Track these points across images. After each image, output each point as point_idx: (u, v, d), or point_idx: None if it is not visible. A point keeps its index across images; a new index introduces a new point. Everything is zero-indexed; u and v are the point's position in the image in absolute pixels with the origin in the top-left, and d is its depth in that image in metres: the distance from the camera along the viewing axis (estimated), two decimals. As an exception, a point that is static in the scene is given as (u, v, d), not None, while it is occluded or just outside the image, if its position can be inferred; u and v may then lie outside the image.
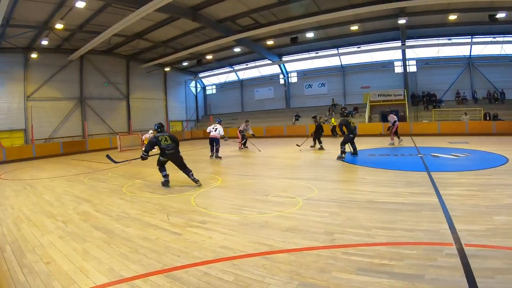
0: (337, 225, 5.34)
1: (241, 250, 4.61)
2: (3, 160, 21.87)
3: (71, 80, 29.03)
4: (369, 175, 9.64)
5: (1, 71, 24.72)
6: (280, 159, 14.88)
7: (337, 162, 12.82)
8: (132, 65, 33.77)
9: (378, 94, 29.09)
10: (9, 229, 6.47)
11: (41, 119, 26.46)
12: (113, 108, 32.43)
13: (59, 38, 24.63)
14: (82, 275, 4.14)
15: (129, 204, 7.83)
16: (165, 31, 25.94)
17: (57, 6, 19.16)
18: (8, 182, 13.32)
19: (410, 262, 3.89)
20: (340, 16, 20.95)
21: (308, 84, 34.45)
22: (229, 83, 41.16)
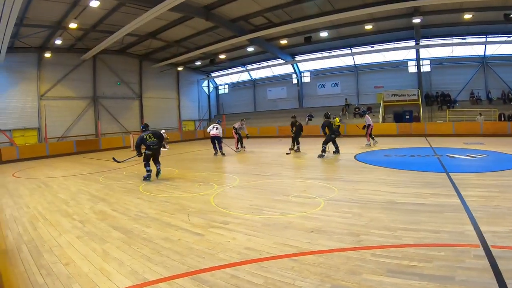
0: (362, 226, 5.24)
1: (267, 251, 4.49)
2: (17, 158, 22.00)
3: (84, 79, 29.13)
4: (387, 175, 9.48)
5: (15, 71, 24.77)
6: (294, 159, 14.76)
7: (353, 162, 12.72)
8: (145, 64, 33.79)
9: (391, 94, 28.69)
10: (25, 228, 6.37)
11: (55, 118, 26.54)
12: (126, 107, 32.47)
13: (72, 38, 24.67)
14: (104, 277, 4.00)
15: (147, 203, 7.71)
16: (178, 30, 25.84)
17: (71, 5, 19.14)
18: (22, 180, 13.31)
19: (439, 263, 3.81)
20: (354, 15, 20.67)
21: (321, 84, 34.14)
22: (242, 82, 41.00)
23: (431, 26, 24.62)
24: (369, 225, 5.24)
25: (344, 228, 5.18)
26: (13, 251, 5.13)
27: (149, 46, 29.43)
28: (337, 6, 20.77)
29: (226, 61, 34.92)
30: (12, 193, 10.45)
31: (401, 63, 29.63)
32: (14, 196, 9.90)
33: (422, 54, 28.18)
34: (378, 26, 24.96)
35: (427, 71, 28.62)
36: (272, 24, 24.00)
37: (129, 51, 31.27)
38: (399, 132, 24.85)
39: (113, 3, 19.53)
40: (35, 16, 19.90)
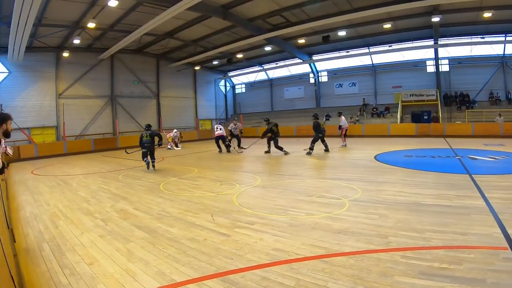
0: (389, 227, 5.15)
1: (296, 253, 4.40)
2: (35, 156, 22.25)
3: (102, 78, 29.40)
4: (409, 176, 9.31)
5: (34, 70, 25.07)
6: (314, 159, 14.54)
7: (374, 162, 12.57)
8: (162, 64, 33.94)
9: (410, 94, 28.24)
10: (46, 226, 6.33)
11: (73, 117, 26.80)
12: (143, 106, 32.65)
13: (90, 37, 24.87)
14: (130, 277, 3.93)
15: (169, 202, 7.64)
16: (195, 30, 25.80)
17: (89, 5, 19.27)
18: (41, 177, 13.39)
19: (469, 266, 3.74)
20: (372, 14, 20.33)
21: (339, 83, 33.82)
22: (259, 82, 40.80)
23: (450, 25, 24.11)
24: (396, 227, 5.14)
25: (371, 229, 5.10)
26: (35, 250, 5.07)
27: (166, 45, 29.49)
28: (355, 5, 20.51)
29: (243, 60, 34.86)
30: (32, 190, 10.48)
31: (420, 63, 29.13)
32: (34, 193, 9.92)
33: (441, 53, 27.71)
34: (396, 25, 24.54)
35: (445, 71, 28.09)
36: (290, 23, 23.83)
37: (146, 51, 31.39)
38: (418, 132, 24.46)
39: (131, 3, 19.57)
40: (53, 16, 20.09)
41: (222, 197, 7.84)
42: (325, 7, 20.99)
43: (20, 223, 6.67)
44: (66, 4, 18.73)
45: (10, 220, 6.64)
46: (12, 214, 7.42)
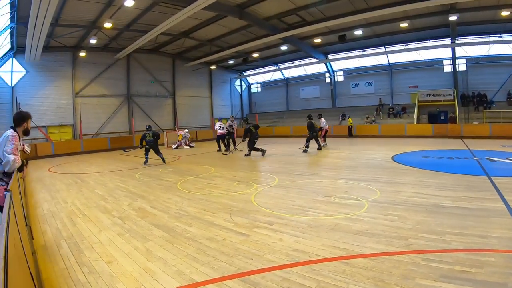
0: (409, 229, 5.07)
1: (316, 254, 4.36)
2: (52, 154, 22.56)
3: (118, 77, 29.66)
4: (427, 178, 9.15)
5: (51, 69, 25.43)
6: (331, 159, 14.46)
7: (391, 163, 12.43)
8: (178, 63, 34.10)
9: (427, 94, 27.83)
10: (64, 223, 6.37)
11: (89, 115, 27.08)
12: (159, 106, 32.84)
13: (106, 37, 25.08)
14: (149, 276, 3.91)
15: (187, 201, 7.62)
16: (211, 29, 25.81)
17: (105, 5, 19.39)
18: (58, 175, 13.52)
19: (491, 270, 3.67)
20: (389, 13, 20.05)
21: (355, 83, 33.49)
22: (274, 81, 40.60)
23: (467, 24, 23.64)
24: (416, 229, 5.07)
25: (391, 231, 5.04)
26: (52, 247, 5.09)
27: (182, 45, 29.54)
28: (371, 4, 20.22)
29: (259, 60, 34.83)
30: (49, 188, 10.58)
31: (436, 62, 28.57)
32: (51, 191, 10.00)
33: (458, 52, 27.11)
34: (413, 24, 24.24)
35: (463, 70, 27.48)
36: (306, 22, 23.68)
37: (162, 50, 31.52)
38: (435, 133, 24.07)
39: (147, 3, 19.63)
40: (70, 16, 20.32)
41: (240, 197, 7.79)
42: (341, 6, 20.78)
43: (37, 220, 6.71)
44: (82, 4, 18.91)
45: (28, 217, 6.68)
46: (29, 211, 7.47)
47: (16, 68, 23.89)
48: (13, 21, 19.04)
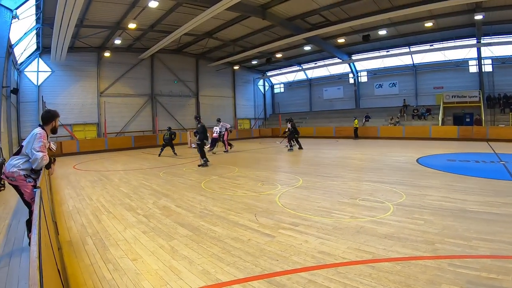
0: (435, 234, 4.97)
1: (342, 256, 4.30)
2: (77, 151, 23.04)
3: (142, 77, 30.07)
4: (454, 181, 8.97)
5: (76, 69, 25.98)
6: (355, 161, 14.32)
7: (416, 166, 12.22)
8: (201, 63, 34.36)
9: (452, 95, 27.27)
10: (89, 220, 6.45)
11: (113, 114, 27.50)
12: (183, 105, 33.16)
13: (131, 38, 25.44)
14: (174, 275, 3.91)
15: (211, 201, 7.62)
16: (234, 29, 25.89)
17: (129, 6, 19.66)
18: (83, 172, 13.75)
19: None
20: (413, 12, 19.72)
21: (379, 83, 33.04)
22: (297, 82, 40.45)
23: (493, 23, 23.03)
24: (443, 233, 4.97)
25: (417, 235, 4.95)
26: (78, 243, 5.14)
27: (205, 45, 29.70)
28: (395, 3, 19.92)
29: (282, 60, 34.80)
30: (74, 185, 10.77)
31: (462, 63, 27.85)
32: (76, 188, 10.18)
33: (484, 53, 26.43)
34: (438, 24, 23.81)
35: (488, 71, 26.72)
36: (329, 22, 23.49)
37: (185, 50, 31.76)
38: (460, 135, 23.61)
39: (170, 4, 19.78)
40: (95, 17, 20.72)
41: (265, 197, 7.77)
42: (365, 6, 20.56)
43: (63, 217, 6.81)
44: (107, 5, 19.23)
45: (54, 213, 6.77)
46: (55, 208, 7.57)
47: (42, 68, 24.45)
48: (39, 22, 19.41)
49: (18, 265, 4.51)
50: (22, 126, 22.88)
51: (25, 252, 4.91)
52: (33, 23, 19.01)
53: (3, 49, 14.55)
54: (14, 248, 5.17)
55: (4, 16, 14.38)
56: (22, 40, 19.74)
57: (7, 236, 5.81)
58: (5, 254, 4.96)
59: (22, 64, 23.48)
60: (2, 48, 14.49)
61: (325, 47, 29.05)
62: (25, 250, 5.00)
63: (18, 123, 22.60)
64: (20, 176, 4.71)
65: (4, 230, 6.15)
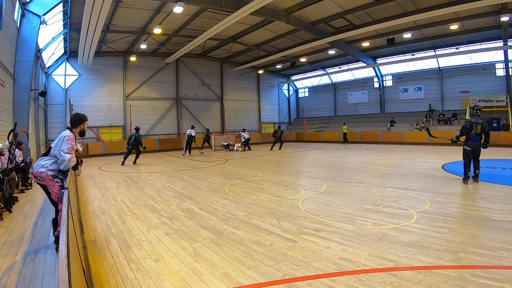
0: (459, 243, 4.84)
1: (363, 263, 4.23)
2: (102, 153, 23.67)
3: (168, 81, 30.54)
4: (479, 189, 8.77)
5: (102, 73, 26.70)
6: (380, 166, 14.11)
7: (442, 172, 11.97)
8: (226, 67, 34.66)
9: (478, 100, 26.50)
10: (113, 220, 6.59)
11: (139, 117, 27.97)
12: (207, 109, 33.53)
13: (156, 42, 25.96)
14: (196, 277, 3.94)
15: (234, 204, 7.65)
16: (258, 34, 26.05)
17: (155, 12, 20.06)
18: (108, 174, 14.04)
19: None
20: (438, 14, 19.33)
21: (404, 88, 32.59)
22: (322, 86, 40.25)
23: (520, 25, 22.52)
24: (466, 242, 4.85)
25: (441, 244, 4.83)
26: (102, 243, 5.25)
27: (230, 49, 29.99)
28: (420, 5, 19.73)
29: (306, 64, 34.80)
30: (99, 186, 11.02)
31: (489, 66, 27.08)
32: (101, 189, 10.41)
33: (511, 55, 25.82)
34: (463, 26, 23.36)
35: (516, 74, 26.18)
36: (353, 26, 23.43)
37: (210, 55, 32.10)
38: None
39: (195, 9, 20.08)
40: (121, 22, 21.26)
41: (288, 202, 7.74)
42: (389, 9, 20.40)
43: (88, 216, 6.98)
44: (132, 11, 19.68)
45: (80, 213, 6.93)
46: (81, 207, 7.77)
47: (69, 72, 25.18)
48: (66, 28, 20.00)
49: (43, 261, 4.65)
50: (50, 128, 23.60)
51: (50, 249, 5.07)
52: (60, 28, 19.58)
53: (32, 54, 15.01)
54: (40, 245, 5.33)
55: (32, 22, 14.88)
56: (50, 45, 20.32)
57: (33, 233, 5.99)
58: (31, 250, 5.11)
59: (50, 68, 24.18)
60: (31, 52, 14.95)
61: (350, 51, 28.90)
62: (50, 247, 5.16)
63: (45, 125, 23.29)
64: (48, 176, 4.83)
65: (30, 228, 6.34)
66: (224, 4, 18.34)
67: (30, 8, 14.97)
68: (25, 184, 10.84)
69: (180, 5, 17.18)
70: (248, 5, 16.92)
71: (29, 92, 15.25)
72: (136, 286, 3.76)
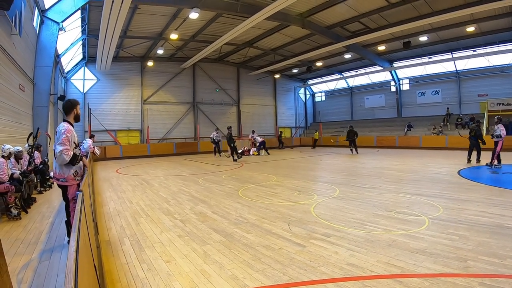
0: (469, 250, 4.76)
1: (370, 269, 4.22)
2: (120, 156, 24.01)
3: (184, 86, 30.95)
4: (494, 195, 8.59)
5: (120, 77, 27.26)
6: (394, 172, 13.96)
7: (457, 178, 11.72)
8: (242, 72, 34.93)
9: (497, 103, 26.14)
10: (128, 222, 6.75)
11: (156, 121, 28.45)
12: (224, 113, 33.82)
13: (173, 48, 26.29)
14: (204, 278, 4.02)
15: (247, 208, 7.70)
16: (274, 38, 26.15)
17: (171, 18, 20.43)
18: (125, 176, 14.30)
19: None
20: (454, 16, 19.19)
21: (421, 91, 32.23)
22: (338, 90, 40.30)
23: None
24: (476, 250, 4.76)
25: (450, 251, 4.76)
26: (116, 243, 5.41)
27: (246, 54, 30.20)
28: (435, 8, 19.47)
29: (323, 68, 34.79)
30: (115, 188, 11.25)
31: (507, 68, 26.58)
32: (117, 191, 10.62)
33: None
34: (480, 28, 23.01)
35: (535, 77, 25.67)
36: (369, 29, 23.30)
37: (226, 59, 32.38)
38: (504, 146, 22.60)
39: (211, 15, 20.38)
40: (138, 28, 21.68)
41: (300, 207, 7.74)
42: (405, 12, 20.27)
43: (104, 218, 7.17)
44: (149, 17, 20.08)
45: (95, 214, 7.12)
46: (97, 209, 7.97)
47: (88, 76, 25.80)
48: (84, 34, 20.51)
49: (59, 260, 4.82)
50: (68, 131, 23.95)
51: (66, 248, 5.21)
52: (79, 34, 20.03)
53: (51, 59, 15.37)
54: (55, 245, 5.52)
55: (51, 29, 15.26)
56: (69, 50, 20.76)
57: (50, 233, 6.19)
58: (47, 249, 5.30)
59: (69, 73, 24.74)
60: (50, 58, 15.31)
61: (366, 55, 28.81)
62: (65, 247, 5.33)
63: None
64: (70, 176, 4.96)
65: (47, 228, 6.55)
66: (240, 10, 18.55)
67: (49, 15, 15.35)
68: (43, 185, 11.14)
69: (195, 11, 17.44)
70: (263, 10, 17.09)
71: (48, 96, 15.59)
72: (146, 285, 3.87)
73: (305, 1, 18.88)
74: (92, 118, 24.04)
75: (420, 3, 19.15)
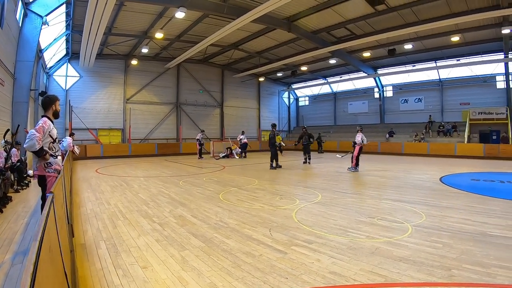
0: (453, 259, 4.74)
1: (353, 278, 4.14)
2: (100, 155, 23.63)
3: (168, 86, 30.75)
4: (476, 203, 8.65)
5: (103, 75, 26.91)
6: (376, 178, 14.00)
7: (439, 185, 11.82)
8: (227, 74, 34.90)
9: (478, 112, 26.67)
10: (105, 224, 6.56)
11: (138, 121, 28.17)
12: (207, 115, 33.72)
13: (158, 47, 26.08)
14: (181, 286, 3.89)
15: (227, 213, 7.57)
16: (260, 41, 26.19)
17: (157, 16, 20.26)
18: (104, 177, 14.03)
19: None
20: (439, 26, 19.58)
21: (404, 99, 32.68)
22: (322, 95, 40.49)
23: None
24: (460, 259, 4.74)
25: (434, 259, 4.73)
26: (91, 247, 5.23)
27: (231, 56, 30.14)
28: (421, 17, 19.82)
29: (307, 73, 34.97)
30: (94, 188, 11.00)
31: (489, 78, 27.20)
32: (96, 192, 10.39)
33: (512, 68, 25.85)
34: (464, 38, 23.51)
35: (517, 87, 26.15)
36: (355, 35, 23.53)
37: (211, 61, 32.30)
38: (486, 153, 23.06)
39: (197, 15, 20.26)
40: (123, 26, 21.44)
41: (281, 212, 7.65)
42: (391, 19, 20.49)
43: (80, 219, 6.95)
44: (135, 15, 19.84)
45: (71, 215, 6.90)
46: (74, 210, 7.75)
47: (71, 73, 25.36)
48: (68, 29, 20.15)
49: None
50: (49, 128, 23.53)
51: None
52: (63, 29, 19.71)
53: (33, 54, 15.06)
54: (29, 246, 5.24)
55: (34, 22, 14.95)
56: (52, 46, 20.38)
57: (24, 234, 5.98)
58: (20, 251, 5.10)
59: (52, 69, 24.28)
60: (32, 52, 15.00)
61: (350, 61, 29.03)
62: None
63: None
64: (40, 165, 4.97)
65: (22, 228, 6.33)
66: (226, 11, 18.44)
67: (33, 8, 15.05)
68: (20, 184, 10.84)
69: (182, 10, 17.26)
70: (249, 12, 17.07)
71: (29, 91, 15.28)
72: (121, 292, 3.70)
73: (292, 5, 18.78)
74: (74, 115, 23.69)
75: (406, 12, 19.36)
